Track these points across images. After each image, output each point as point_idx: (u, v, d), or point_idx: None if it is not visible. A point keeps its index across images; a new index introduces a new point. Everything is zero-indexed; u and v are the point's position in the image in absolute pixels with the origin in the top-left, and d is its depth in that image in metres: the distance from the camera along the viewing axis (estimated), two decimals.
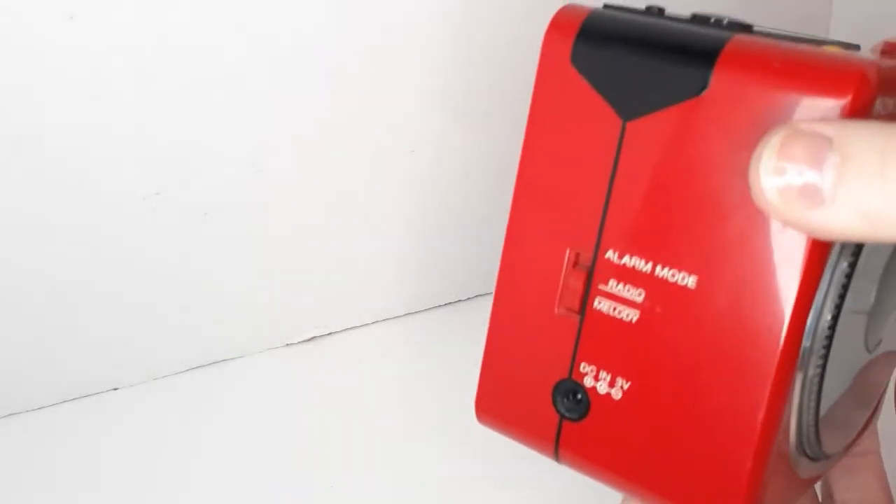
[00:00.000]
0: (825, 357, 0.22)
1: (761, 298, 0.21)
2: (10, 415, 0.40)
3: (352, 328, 0.46)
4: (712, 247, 0.22)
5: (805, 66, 0.20)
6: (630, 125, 0.23)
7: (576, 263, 0.24)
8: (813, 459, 0.24)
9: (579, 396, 0.24)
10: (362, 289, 0.45)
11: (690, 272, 0.22)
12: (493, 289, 0.26)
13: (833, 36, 0.54)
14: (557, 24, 0.24)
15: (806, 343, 0.21)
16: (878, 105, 0.20)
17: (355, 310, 0.46)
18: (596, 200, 0.23)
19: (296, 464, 0.38)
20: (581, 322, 0.24)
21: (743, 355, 0.21)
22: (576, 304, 0.24)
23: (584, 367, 0.24)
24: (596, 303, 0.23)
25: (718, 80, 0.21)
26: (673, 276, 0.22)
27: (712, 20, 0.23)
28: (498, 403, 0.26)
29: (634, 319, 0.23)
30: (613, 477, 0.24)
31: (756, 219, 0.21)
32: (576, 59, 0.23)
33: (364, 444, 0.39)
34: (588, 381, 0.24)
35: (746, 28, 0.22)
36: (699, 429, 0.22)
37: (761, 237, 0.21)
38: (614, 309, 0.23)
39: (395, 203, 0.44)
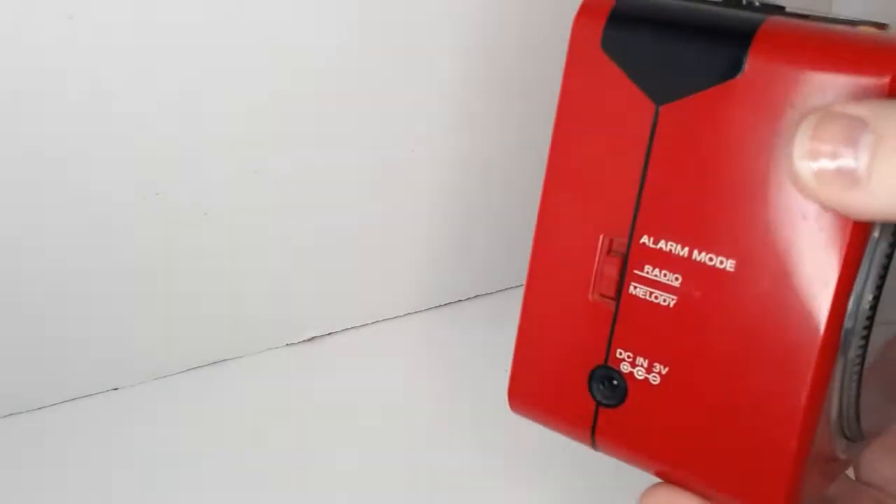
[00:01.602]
0: (866, 338, 0.21)
1: (802, 281, 0.21)
2: (10, 415, 0.40)
3: (352, 328, 0.46)
4: (750, 230, 0.21)
5: (842, 46, 0.20)
6: (663, 109, 0.22)
7: (609, 250, 0.24)
8: (851, 440, 0.24)
9: (616, 382, 0.24)
10: (362, 289, 0.45)
11: (728, 256, 0.22)
12: (492, 289, 0.26)
13: None
14: (587, 8, 0.24)
15: (848, 324, 0.21)
16: None
17: (355, 309, 0.46)
18: (629, 186, 0.23)
19: (295, 464, 0.38)
20: (616, 308, 0.24)
21: (784, 338, 0.21)
22: (611, 290, 0.24)
23: (621, 353, 0.24)
24: (631, 288, 0.23)
25: (754, 61, 0.21)
26: (710, 260, 0.22)
27: (745, 2, 0.22)
28: (531, 391, 0.26)
29: (672, 304, 0.23)
30: (651, 462, 0.24)
31: (795, 201, 0.21)
32: (606, 44, 0.23)
33: (364, 445, 0.39)
34: (625, 367, 0.24)
35: (779, 9, 0.22)
36: (740, 412, 0.22)
37: (800, 219, 0.21)
38: (651, 294, 0.23)
39: (395, 204, 0.44)
